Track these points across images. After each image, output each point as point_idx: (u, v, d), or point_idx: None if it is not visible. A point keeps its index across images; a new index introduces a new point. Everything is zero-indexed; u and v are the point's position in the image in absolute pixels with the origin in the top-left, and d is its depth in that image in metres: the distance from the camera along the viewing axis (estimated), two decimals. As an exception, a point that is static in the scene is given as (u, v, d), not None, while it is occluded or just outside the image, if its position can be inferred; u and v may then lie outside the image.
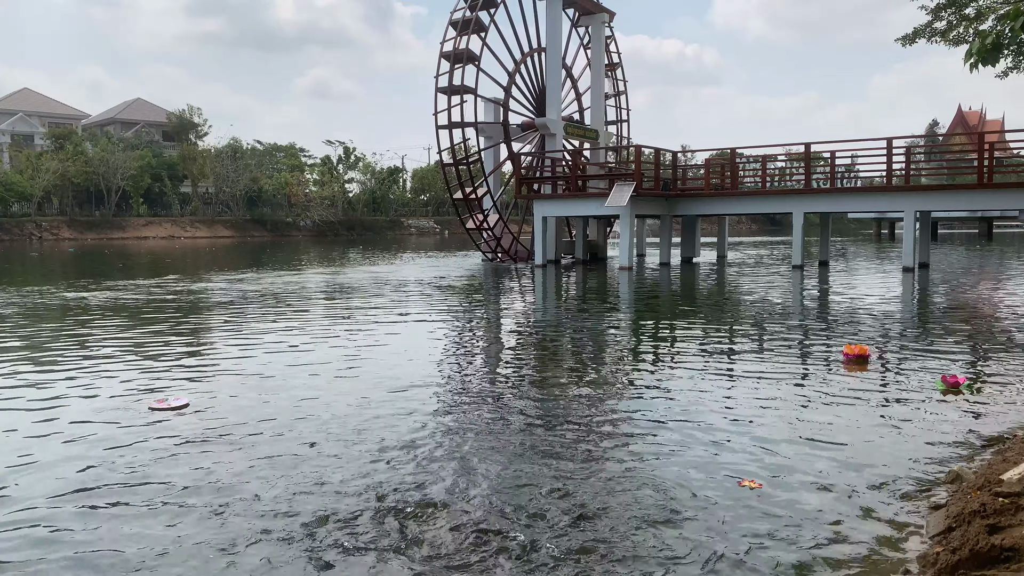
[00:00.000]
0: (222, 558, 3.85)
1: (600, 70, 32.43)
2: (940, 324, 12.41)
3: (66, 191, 64.39)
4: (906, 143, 35.47)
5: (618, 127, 35.60)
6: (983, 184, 22.07)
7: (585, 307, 15.58)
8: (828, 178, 26.38)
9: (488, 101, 29.74)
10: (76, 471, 5.14)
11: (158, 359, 9.25)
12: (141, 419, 6.46)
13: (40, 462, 5.35)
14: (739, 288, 19.18)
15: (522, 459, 5.34)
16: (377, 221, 78.55)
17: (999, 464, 4.87)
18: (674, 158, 28.53)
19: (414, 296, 17.06)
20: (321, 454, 5.47)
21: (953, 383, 7.38)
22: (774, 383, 7.86)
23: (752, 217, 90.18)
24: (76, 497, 4.67)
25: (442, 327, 12.49)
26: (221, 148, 73.51)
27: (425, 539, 4.04)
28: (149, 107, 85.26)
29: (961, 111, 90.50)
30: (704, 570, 3.71)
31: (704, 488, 4.78)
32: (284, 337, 11.03)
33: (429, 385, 7.78)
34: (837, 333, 11.22)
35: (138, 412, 6.72)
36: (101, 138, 71.28)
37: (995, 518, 3.86)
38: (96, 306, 14.91)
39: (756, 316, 13.57)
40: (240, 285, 19.56)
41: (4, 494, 4.75)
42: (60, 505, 4.56)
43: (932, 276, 21.21)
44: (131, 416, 6.58)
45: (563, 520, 4.27)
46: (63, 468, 5.21)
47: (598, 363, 9.29)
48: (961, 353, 9.49)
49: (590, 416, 6.54)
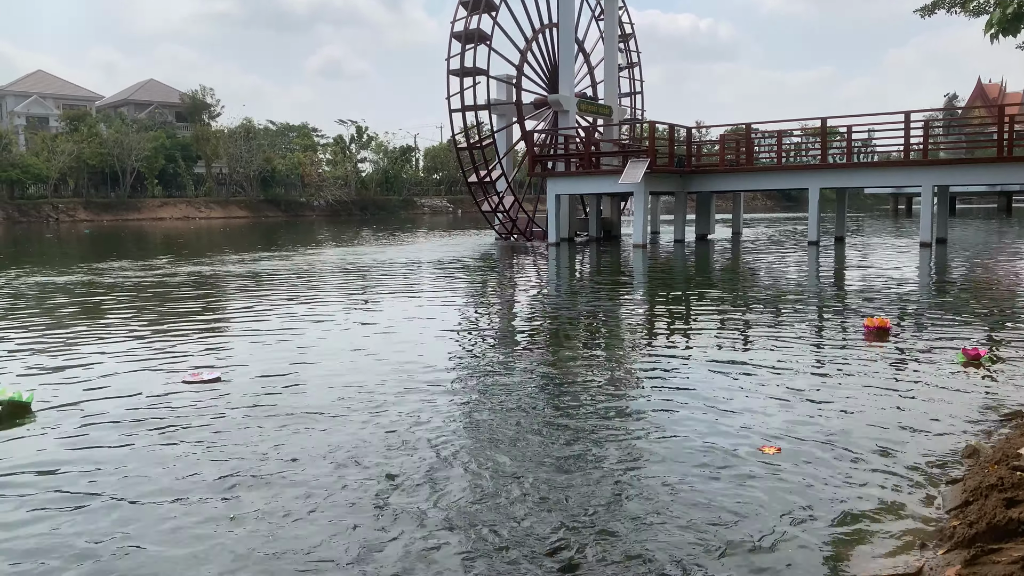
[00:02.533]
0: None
1: (613, 43, 32.07)
2: (958, 299, 12.33)
3: (81, 173, 64.75)
4: (924, 117, 34.99)
5: (632, 99, 35.27)
6: (1003, 158, 21.75)
7: (600, 285, 15.57)
8: (844, 153, 26.07)
9: (500, 81, 29.52)
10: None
11: (186, 336, 9.38)
12: (181, 390, 6.58)
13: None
14: (755, 265, 19.09)
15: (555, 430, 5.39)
16: (390, 201, 78.55)
17: (1017, 438, 4.86)
18: (688, 134, 28.29)
19: (430, 275, 17.11)
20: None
21: (974, 355, 7.37)
22: (793, 356, 7.87)
23: (767, 193, 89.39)
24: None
25: (460, 305, 12.53)
26: (234, 128, 73.58)
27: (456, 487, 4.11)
28: (162, 88, 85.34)
29: (981, 84, 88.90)
30: (717, 539, 3.75)
31: (725, 457, 4.81)
32: (306, 315, 11.11)
33: (451, 359, 7.85)
34: (853, 308, 11.17)
35: (174, 385, 6.99)
36: (115, 119, 71.52)
37: (1012, 492, 3.86)
38: (134, 285, 15.07)
39: (773, 292, 13.52)
40: (261, 264, 19.68)
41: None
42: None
43: (950, 252, 21.01)
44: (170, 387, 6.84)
45: (598, 485, 4.32)
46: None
47: (615, 339, 9.31)
48: (980, 328, 9.43)
49: (607, 390, 6.57)
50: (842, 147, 26.34)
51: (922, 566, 3.43)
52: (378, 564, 3.61)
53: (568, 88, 29.18)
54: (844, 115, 25.77)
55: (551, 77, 30.43)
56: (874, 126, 26.06)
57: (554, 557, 3.63)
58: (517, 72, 29.28)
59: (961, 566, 3.29)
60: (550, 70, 30.51)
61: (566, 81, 29.24)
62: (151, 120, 76.34)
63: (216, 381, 7.07)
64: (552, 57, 30.47)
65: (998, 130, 21.95)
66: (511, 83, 29.40)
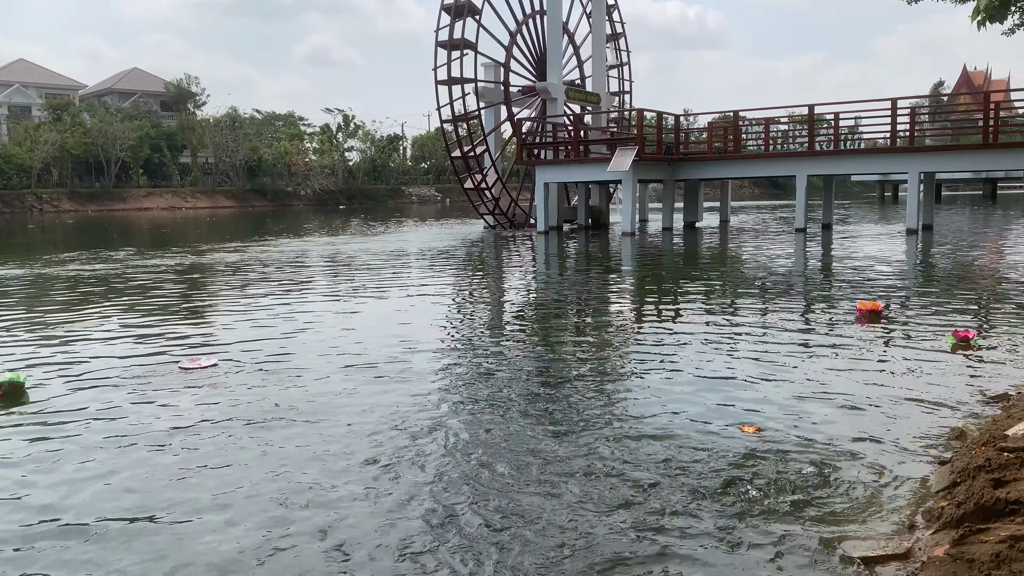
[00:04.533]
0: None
1: (601, 33, 31.99)
2: (945, 284, 12.46)
3: (65, 163, 64.00)
4: (910, 104, 35.12)
5: (620, 99, 35.23)
6: (988, 144, 21.89)
7: (589, 273, 15.59)
8: (831, 140, 26.16)
9: (489, 60, 29.26)
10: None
11: (184, 324, 9.34)
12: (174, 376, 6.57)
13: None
14: (743, 252, 19.16)
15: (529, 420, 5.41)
16: (378, 190, 78.13)
17: (1004, 420, 4.92)
18: (676, 122, 28.28)
19: (419, 265, 17.08)
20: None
21: (963, 338, 7.53)
22: (784, 338, 7.96)
23: (755, 181, 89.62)
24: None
25: (450, 294, 12.51)
26: (220, 118, 72.92)
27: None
28: (146, 76, 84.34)
29: (966, 71, 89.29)
30: (709, 524, 3.78)
31: (713, 437, 4.84)
32: (293, 304, 11.06)
33: (439, 344, 7.85)
34: (842, 293, 11.25)
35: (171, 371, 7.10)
36: (99, 109, 70.70)
37: (1000, 472, 3.91)
38: (127, 276, 14.96)
39: (762, 277, 13.58)
40: (248, 254, 19.57)
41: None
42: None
43: (936, 238, 21.16)
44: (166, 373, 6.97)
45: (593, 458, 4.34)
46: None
47: (605, 325, 9.34)
48: (967, 311, 9.52)
49: (597, 375, 6.60)
50: (829, 134, 26.43)
51: (912, 546, 3.47)
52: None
53: (556, 76, 29.08)
54: (831, 102, 25.87)
55: (539, 65, 30.30)
56: (861, 113, 26.17)
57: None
58: (506, 54, 29.03)
59: (950, 545, 3.33)
60: (539, 57, 30.38)
61: (555, 68, 29.14)
62: (136, 109, 75.48)
63: (214, 367, 7.15)
64: (541, 45, 30.34)
65: (983, 117, 22.08)
66: (500, 64, 29.06)
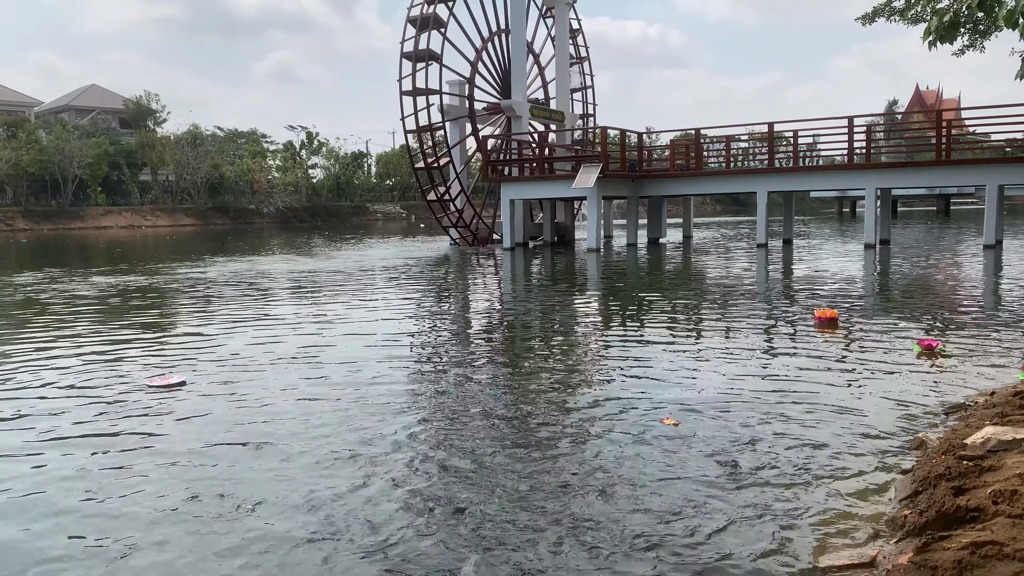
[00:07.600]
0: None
1: (564, 52, 32.30)
2: (902, 296, 12.74)
3: (20, 181, 62.57)
4: (866, 121, 36.01)
5: (584, 121, 35.56)
6: (941, 161, 22.51)
7: (555, 289, 15.63)
8: (791, 157, 26.70)
9: (455, 74, 29.29)
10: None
11: (148, 343, 9.13)
12: (145, 396, 6.40)
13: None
14: (706, 266, 19.39)
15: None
16: (342, 207, 77.66)
17: (962, 429, 5.02)
18: (640, 139, 28.62)
19: (383, 282, 16.97)
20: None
21: (928, 346, 7.89)
22: (746, 349, 8.08)
23: (716, 198, 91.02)
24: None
25: (415, 311, 12.44)
26: (181, 135, 72.00)
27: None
28: (105, 93, 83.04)
29: (919, 90, 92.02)
30: (665, 529, 3.78)
31: (677, 444, 4.85)
32: (259, 322, 10.91)
33: (400, 364, 7.78)
34: (802, 305, 11.43)
35: (139, 390, 6.97)
36: (55, 126, 69.33)
37: (960, 480, 3.98)
38: (84, 295, 14.60)
39: (724, 291, 13.74)
40: (212, 272, 19.27)
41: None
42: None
43: (893, 252, 21.64)
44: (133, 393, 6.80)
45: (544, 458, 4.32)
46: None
47: (570, 341, 9.35)
48: (923, 322, 9.73)
49: (564, 388, 6.59)
50: (789, 152, 26.96)
51: (876, 555, 3.51)
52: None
53: (521, 94, 29.27)
54: (790, 120, 26.44)
55: (504, 83, 30.48)
56: (819, 131, 26.80)
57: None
58: (471, 69, 29.17)
59: (913, 553, 3.38)
60: (503, 76, 30.56)
61: (519, 86, 29.32)
62: (93, 126, 74.15)
63: (181, 385, 7.06)
64: (506, 64, 30.54)
65: (936, 135, 22.72)
66: (464, 79, 29.18)
